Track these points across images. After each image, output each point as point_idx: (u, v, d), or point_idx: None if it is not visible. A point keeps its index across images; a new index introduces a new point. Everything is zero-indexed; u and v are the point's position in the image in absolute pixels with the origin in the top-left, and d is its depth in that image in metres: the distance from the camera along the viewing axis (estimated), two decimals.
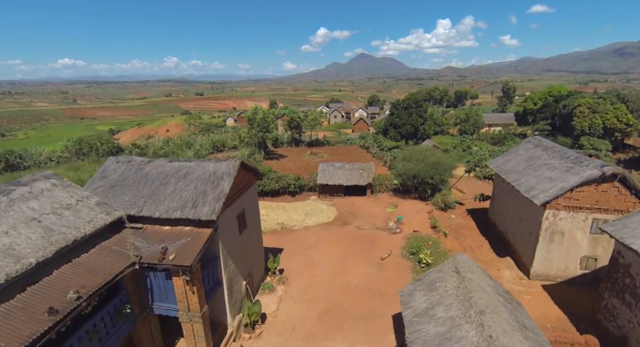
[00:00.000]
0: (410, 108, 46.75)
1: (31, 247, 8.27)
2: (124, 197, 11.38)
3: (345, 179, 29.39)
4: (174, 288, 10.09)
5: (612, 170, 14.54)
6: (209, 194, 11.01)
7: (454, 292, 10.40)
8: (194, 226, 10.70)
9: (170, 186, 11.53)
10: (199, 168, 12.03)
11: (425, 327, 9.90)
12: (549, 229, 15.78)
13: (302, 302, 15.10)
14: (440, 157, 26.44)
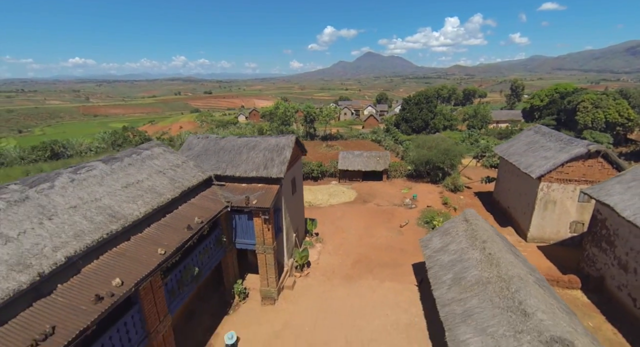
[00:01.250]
0: (421, 103, 49.72)
1: (164, 189, 11.75)
2: (209, 163, 14.85)
3: (364, 165, 32.67)
4: (254, 227, 13.53)
5: (596, 147, 17.58)
6: (275, 159, 14.41)
7: (464, 234, 13.66)
8: (265, 183, 14.10)
9: (243, 154, 14.98)
10: (264, 141, 15.47)
11: (441, 257, 13.19)
12: (543, 198, 18.86)
13: (337, 255, 18.48)
14: (450, 144, 29.57)
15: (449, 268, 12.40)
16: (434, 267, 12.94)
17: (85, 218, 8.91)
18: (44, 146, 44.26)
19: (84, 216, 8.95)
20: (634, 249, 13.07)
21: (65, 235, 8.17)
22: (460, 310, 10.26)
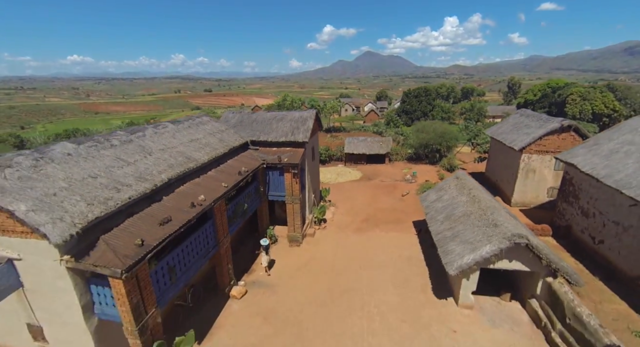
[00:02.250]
0: (420, 96, 52.89)
1: (217, 145, 14.83)
2: (245, 132, 17.90)
3: (368, 148, 35.81)
4: (284, 181, 16.61)
5: (568, 122, 20.73)
6: (300, 128, 17.49)
7: (454, 186, 16.79)
8: (292, 147, 17.17)
9: (273, 124, 18.05)
10: (290, 114, 18.55)
11: (436, 204, 16.32)
12: (524, 168, 21.99)
13: (349, 215, 21.60)
14: (446, 128, 32.72)
15: (442, 210, 15.53)
16: (431, 212, 16.08)
17: (171, 157, 12.00)
18: (67, 134, 47.36)
19: (170, 156, 12.04)
20: (592, 197, 16.19)
21: (162, 166, 11.25)
22: (449, 234, 13.39)
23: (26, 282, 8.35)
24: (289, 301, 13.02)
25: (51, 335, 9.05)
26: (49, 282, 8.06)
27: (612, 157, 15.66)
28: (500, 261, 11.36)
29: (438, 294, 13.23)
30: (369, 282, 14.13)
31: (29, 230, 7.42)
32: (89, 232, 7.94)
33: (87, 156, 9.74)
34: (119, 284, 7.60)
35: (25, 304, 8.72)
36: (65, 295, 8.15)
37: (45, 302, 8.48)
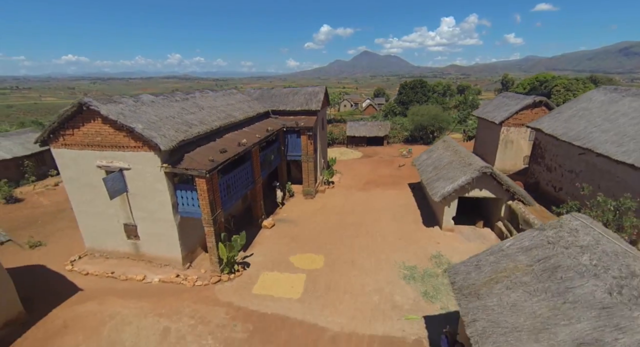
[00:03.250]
0: (416, 88, 56.42)
1: (247, 110, 18.18)
2: (266, 103, 21.25)
3: (368, 131, 39.26)
4: (300, 143, 19.98)
5: (540, 98, 24.29)
6: (312, 99, 20.87)
7: (442, 147, 20.27)
8: (306, 115, 20.53)
9: (290, 97, 21.43)
10: (303, 89, 21.94)
11: (427, 161, 19.79)
12: (504, 139, 25.51)
13: (353, 180, 25.03)
14: (439, 111, 36.24)
15: (431, 164, 19.01)
16: (422, 166, 19.56)
17: (217, 112, 15.37)
18: None
19: (216, 112, 15.41)
20: (554, 154, 19.69)
21: (212, 117, 14.61)
22: (435, 177, 16.84)
23: (131, 187, 11.67)
24: (308, 230, 16.41)
25: (143, 231, 12.39)
26: (149, 185, 11.40)
27: (569, 121, 19.17)
28: (473, 189, 14.83)
29: (427, 224, 16.69)
30: (372, 219, 17.56)
31: (140, 144, 10.77)
32: (177, 150, 11.31)
33: (164, 104, 13.10)
34: (202, 182, 10.95)
35: (126, 207, 12.05)
36: (160, 196, 11.49)
37: (143, 203, 11.81)
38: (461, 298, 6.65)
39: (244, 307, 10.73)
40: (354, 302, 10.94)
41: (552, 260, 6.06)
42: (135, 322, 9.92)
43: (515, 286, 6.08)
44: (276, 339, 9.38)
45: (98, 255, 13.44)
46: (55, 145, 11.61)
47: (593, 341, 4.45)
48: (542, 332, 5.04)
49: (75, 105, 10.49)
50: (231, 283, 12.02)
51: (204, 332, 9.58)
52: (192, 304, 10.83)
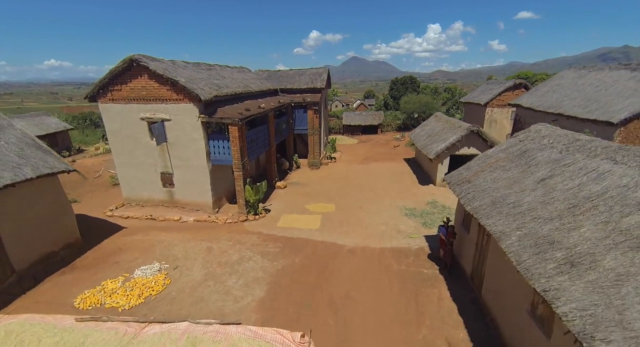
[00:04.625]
0: (407, 84, 59.25)
1: (260, 85, 20.06)
2: (273, 82, 23.18)
3: (362, 120, 41.52)
4: (307, 117, 21.94)
5: (520, 81, 26.96)
6: (317, 79, 22.92)
7: (434, 121, 22.56)
8: (312, 93, 22.53)
9: (296, 77, 23.41)
10: (308, 70, 23.98)
11: (421, 133, 22.01)
12: (488, 119, 28.05)
13: (353, 156, 27.10)
14: (429, 100, 38.81)
15: (424, 134, 21.25)
16: (416, 137, 21.78)
17: (237, 82, 17.21)
18: (84, 116, 51.15)
19: (236, 81, 17.24)
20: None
21: (234, 84, 16.44)
22: (429, 142, 19.04)
23: (170, 137, 13.37)
24: (318, 189, 18.31)
25: (178, 179, 14.07)
26: (187, 135, 13.14)
27: (544, 95, 21.74)
28: (462, 147, 17.03)
29: (422, 183, 18.81)
30: (373, 181, 19.58)
31: (182, 96, 12.53)
32: (211, 104, 13.12)
33: (194, 70, 14.85)
34: (235, 129, 12.77)
35: (165, 156, 13.73)
36: (196, 144, 13.24)
37: (180, 152, 13.52)
38: (456, 187, 8.69)
39: (272, 234, 12.53)
40: (365, 231, 12.88)
41: (522, 147, 8.18)
42: (181, 245, 11.60)
43: (495, 169, 8.16)
44: (303, 252, 11.22)
45: (134, 204, 15.00)
46: (102, 101, 13.25)
47: (548, 176, 6.53)
48: (514, 185, 7.10)
49: (126, 61, 12.21)
50: (257, 221, 13.80)
51: (242, 248, 11.34)
52: (227, 233, 12.57)
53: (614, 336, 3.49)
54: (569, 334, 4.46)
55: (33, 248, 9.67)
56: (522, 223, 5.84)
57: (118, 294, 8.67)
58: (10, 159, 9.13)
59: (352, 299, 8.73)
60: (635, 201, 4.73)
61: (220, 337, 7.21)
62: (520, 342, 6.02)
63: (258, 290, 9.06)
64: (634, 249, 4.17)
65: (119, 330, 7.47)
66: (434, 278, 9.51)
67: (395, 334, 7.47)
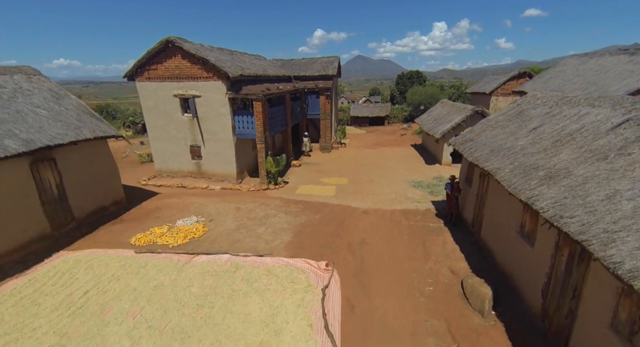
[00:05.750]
0: (413, 78, 60.13)
1: (276, 70, 21.34)
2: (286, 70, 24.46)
3: (370, 112, 42.66)
4: (319, 103, 23.19)
5: (523, 70, 27.87)
6: (329, 66, 24.15)
7: (440, 106, 23.65)
8: (324, 80, 23.78)
9: (308, 65, 24.67)
10: (320, 59, 25.21)
11: (428, 118, 23.12)
12: (493, 108, 28.97)
13: (362, 142, 28.32)
14: (435, 92, 39.78)
15: (431, 119, 22.40)
16: (423, 122, 22.91)
17: (256, 66, 18.50)
18: (100, 108, 53.11)
19: (255, 65, 18.53)
20: None
21: (254, 68, 17.73)
22: (435, 125, 20.16)
23: (200, 112, 14.73)
24: (331, 167, 19.58)
25: (206, 151, 15.43)
26: (215, 110, 14.48)
27: (547, 82, 22.68)
28: (467, 127, 18.13)
29: (428, 163, 19.97)
30: (383, 162, 20.79)
31: (211, 74, 13.87)
32: (236, 83, 14.44)
33: (219, 52, 16.20)
34: (259, 105, 14.08)
35: (195, 130, 15.10)
36: (223, 119, 14.58)
37: (209, 126, 14.88)
38: (460, 145, 9.89)
39: (293, 199, 13.84)
40: (376, 197, 14.11)
41: (519, 109, 9.36)
42: (212, 205, 12.95)
43: (495, 128, 9.34)
44: (322, 211, 12.50)
45: (165, 175, 16.43)
46: (140, 79, 14.66)
47: (539, 125, 7.71)
48: (510, 136, 8.28)
49: (162, 42, 13.59)
50: (277, 190, 15.11)
51: (267, 208, 12.66)
52: (251, 198, 13.91)
53: (577, 213, 4.70)
54: (547, 236, 5.69)
55: (88, 201, 11.09)
56: (514, 159, 7.04)
57: (166, 236, 10.04)
58: (72, 122, 10.55)
59: (367, 244, 9.98)
60: (605, 129, 5.91)
61: (258, 264, 8.58)
62: (511, 258, 7.23)
63: (285, 236, 10.37)
64: (600, 160, 5.36)
65: (172, 258, 8.88)
66: (439, 229, 10.73)
67: (406, 266, 8.71)
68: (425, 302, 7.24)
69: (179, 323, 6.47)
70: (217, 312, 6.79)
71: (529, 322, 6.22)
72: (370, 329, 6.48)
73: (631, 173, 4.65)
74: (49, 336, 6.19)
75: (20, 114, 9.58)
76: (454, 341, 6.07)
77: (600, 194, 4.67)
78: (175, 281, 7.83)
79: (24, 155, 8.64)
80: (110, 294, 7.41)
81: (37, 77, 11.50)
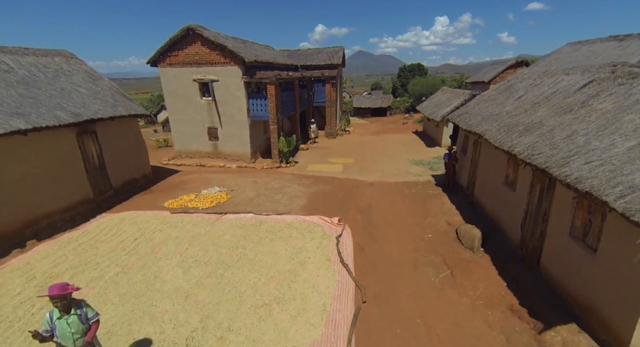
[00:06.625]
0: (414, 70, 61.00)
1: (285, 59, 22.47)
2: (293, 60, 25.59)
3: (372, 103, 43.77)
4: (325, 91, 24.35)
5: (520, 59, 28.89)
6: (334, 56, 25.27)
7: (440, 93, 24.75)
8: (329, 69, 24.90)
9: (314, 55, 25.78)
10: (325, 49, 26.33)
11: (428, 104, 24.24)
12: None
13: (365, 130, 29.50)
14: (437, 82, 40.80)
15: (432, 105, 23.52)
16: (424, 108, 24.04)
17: (266, 54, 19.65)
18: None
19: (266, 54, 19.68)
20: None
21: (266, 55, 18.88)
22: (435, 109, 21.29)
23: (217, 96, 15.92)
24: (336, 150, 20.80)
25: (222, 132, 16.66)
26: (231, 94, 15.68)
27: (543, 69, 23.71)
28: None
29: (429, 146, 21.14)
30: (385, 145, 21.99)
31: (228, 60, 15.05)
32: (251, 68, 15.61)
33: (235, 40, 17.33)
34: (272, 88, 15.26)
35: (212, 112, 16.31)
36: (239, 101, 15.78)
37: (225, 108, 16.08)
38: (456, 118, 11.08)
39: (304, 174, 15.09)
40: (381, 173, 15.33)
41: (508, 84, 10.53)
42: (231, 179, 14.21)
43: (487, 101, 10.52)
44: (331, 183, 13.74)
45: (184, 156, 17.68)
46: (162, 65, 15.86)
47: (523, 94, 8.89)
48: (499, 106, 9.47)
49: (184, 30, 14.76)
50: (288, 168, 16.36)
51: (281, 181, 13.91)
52: (266, 174, 15.16)
53: (544, 150, 5.89)
54: (524, 179, 6.90)
55: (122, 172, 12.36)
56: (500, 122, 8.24)
57: (194, 201, 11.31)
58: (108, 100, 11.78)
59: (373, 207, 11.22)
60: (573, 90, 7.10)
61: (279, 220, 9.88)
62: (498, 206, 8.47)
63: (300, 201, 11.62)
64: (567, 113, 6.54)
65: (204, 217, 10.19)
66: (438, 195, 11.96)
67: (408, 221, 9.95)
68: (424, 245, 8.48)
69: (219, 258, 7.74)
70: (249, 251, 8.06)
71: (510, 252, 7.47)
72: (378, 263, 7.73)
73: (588, 118, 5.85)
74: (112, 267, 7.48)
75: (65, 91, 10.82)
76: (448, 268, 7.32)
77: (563, 135, 5.87)
78: (210, 232, 9.11)
79: (72, 126, 9.90)
80: (156, 240, 8.69)
81: (74, 60, 12.72)
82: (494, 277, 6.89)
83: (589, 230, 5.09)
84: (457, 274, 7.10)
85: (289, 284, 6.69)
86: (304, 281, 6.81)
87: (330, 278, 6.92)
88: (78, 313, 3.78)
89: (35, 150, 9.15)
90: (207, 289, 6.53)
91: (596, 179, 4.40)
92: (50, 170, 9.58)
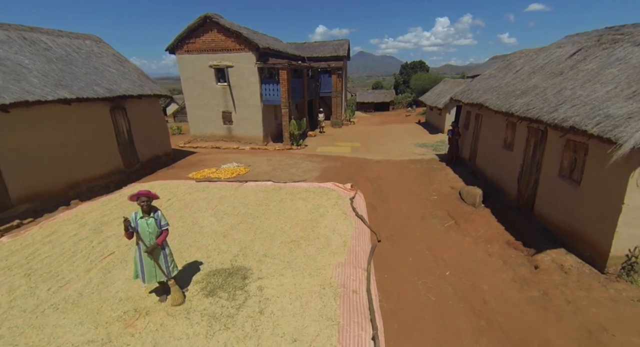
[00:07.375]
0: (416, 67, 61.93)
1: (293, 50, 23.39)
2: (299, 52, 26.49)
3: (375, 98, 44.68)
4: (331, 81, 25.24)
5: None
6: (340, 48, 26.14)
7: (442, 84, 25.61)
8: (335, 60, 25.79)
9: (320, 47, 26.68)
10: (331, 42, 27.21)
11: (431, 95, 25.10)
12: None
13: (369, 121, 30.40)
14: (439, 77, 41.67)
15: (434, 95, 24.40)
16: (427, 99, 24.92)
17: (277, 45, 20.55)
18: None
19: (277, 44, 20.59)
20: None
21: (276, 45, 19.78)
22: (439, 98, 22.15)
23: (232, 81, 16.82)
24: (343, 136, 21.69)
25: (236, 116, 17.55)
26: (245, 79, 16.58)
27: None
28: None
29: (432, 133, 22.02)
30: (390, 133, 22.88)
31: (243, 46, 15.95)
32: (263, 55, 16.51)
33: (248, 30, 18.23)
34: (284, 73, 16.16)
35: (227, 97, 17.20)
36: (252, 86, 16.67)
37: (239, 93, 16.98)
38: (460, 95, 11.95)
39: (315, 154, 15.99)
40: (387, 154, 16.21)
41: (507, 62, 11.41)
42: (247, 158, 15.10)
43: (488, 78, 11.41)
44: (341, 160, 14.62)
45: (199, 139, 18.59)
46: (179, 52, 16.78)
47: (520, 69, 9.76)
48: (499, 80, 10.34)
49: (201, 18, 15.68)
50: (299, 150, 17.25)
51: (294, 158, 14.80)
52: (279, 154, 16.05)
53: (537, 105, 6.77)
54: (521, 139, 7.77)
55: (148, 148, 13.26)
56: (499, 91, 9.12)
57: (216, 173, 12.20)
58: (135, 80, 12.70)
59: (382, 178, 12.09)
60: (564, 58, 7.97)
61: (296, 186, 10.75)
62: (497, 169, 9.33)
63: (313, 173, 12.51)
64: (557, 76, 7.42)
65: (227, 184, 11.10)
66: (442, 168, 12.83)
67: (414, 187, 10.82)
68: (430, 204, 9.35)
69: (247, 212, 8.62)
70: (273, 207, 8.94)
71: (508, 205, 8.34)
72: (389, 217, 8.60)
73: (575, 77, 6.72)
74: None
75: (98, 70, 11.73)
76: (452, 219, 8.19)
77: (553, 91, 6.75)
78: (235, 195, 9.99)
79: (107, 101, 10.81)
80: (187, 200, 9.58)
81: (102, 43, 13.65)
82: (493, 223, 7.76)
83: (575, 167, 5.95)
84: (460, 223, 7.97)
85: (312, 228, 7.56)
86: (325, 226, 7.69)
87: (348, 225, 7.79)
88: (155, 217, 4.69)
89: (75, 120, 10.05)
90: (241, 231, 7.42)
91: (579, 116, 5.27)
92: (88, 140, 10.48)
